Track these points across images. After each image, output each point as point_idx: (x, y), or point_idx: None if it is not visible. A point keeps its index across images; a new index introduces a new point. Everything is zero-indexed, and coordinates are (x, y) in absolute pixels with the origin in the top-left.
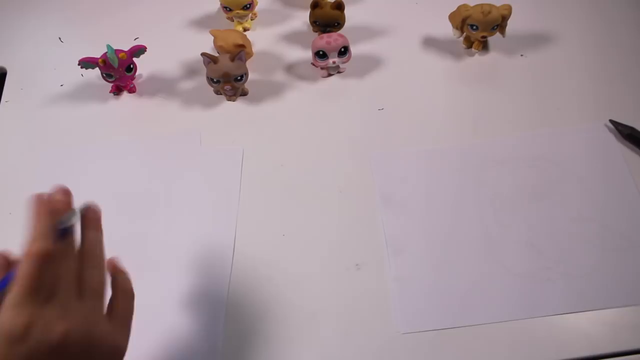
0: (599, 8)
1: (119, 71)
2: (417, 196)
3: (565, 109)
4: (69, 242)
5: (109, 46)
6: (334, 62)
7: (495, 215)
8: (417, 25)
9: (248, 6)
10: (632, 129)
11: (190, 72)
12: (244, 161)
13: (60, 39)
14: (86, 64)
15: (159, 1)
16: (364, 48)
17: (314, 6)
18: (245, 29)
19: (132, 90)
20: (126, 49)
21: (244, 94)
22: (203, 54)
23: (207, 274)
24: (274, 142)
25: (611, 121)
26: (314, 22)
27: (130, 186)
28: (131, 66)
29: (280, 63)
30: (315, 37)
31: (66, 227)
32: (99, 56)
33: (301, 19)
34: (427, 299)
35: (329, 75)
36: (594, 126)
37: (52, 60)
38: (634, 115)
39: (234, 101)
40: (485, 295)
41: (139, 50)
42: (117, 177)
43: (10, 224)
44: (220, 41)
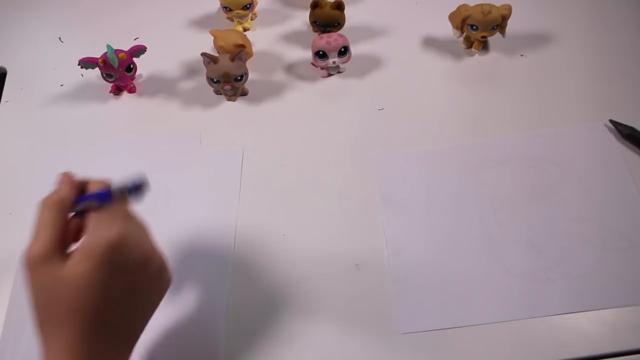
0: (599, 8)
1: (119, 71)
2: (417, 196)
3: (565, 109)
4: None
5: (109, 46)
6: (334, 62)
7: (495, 215)
8: (417, 25)
9: (248, 6)
10: (632, 129)
11: (190, 72)
12: (244, 161)
13: (60, 39)
14: (86, 64)
15: (159, 1)
16: (364, 48)
17: (314, 6)
18: (245, 29)
19: (132, 90)
20: (126, 49)
21: (244, 94)
22: (203, 54)
23: (207, 273)
24: (274, 142)
25: (611, 121)
26: (314, 22)
27: None
28: (131, 66)
29: (280, 63)
30: (315, 37)
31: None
32: (99, 56)
33: (301, 19)
34: (427, 299)
35: (329, 75)
36: (594, 126)
37: (52, 60)
38: (634, 115)
39: (234, 101)
40: (485, 295)
41: (139, 50)
42: (116, 177)
43: (10, 224)
44: (220, 41)
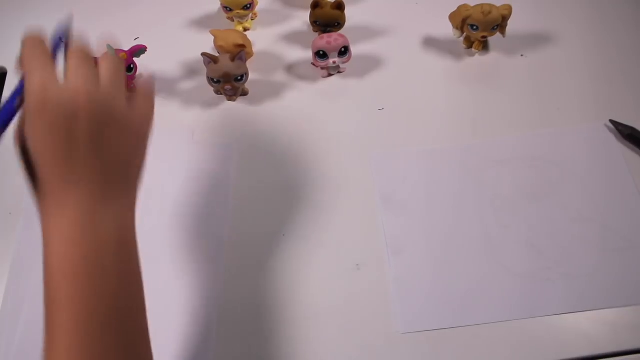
0: (599, 8)
1: None
2: (417, 196)
3: (565, 109)
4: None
5: (109, 46)
6: (334, 62)
7: (495, 215)
8: (417, 25)
9: (248, 6)
10: (632, 129)
11: (190, 72)
12: (244, 161)
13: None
14: None
15: (159, 1)
16: (364, 48)
17: (314, 6)
18: (246, 29)
19: (132, 90)
20: (126, 49)
21: (244, 94)
22: (203, 54)
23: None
24: (274, 142)
25: (611, 121)
26: (314, 22)
27: None
28: (131, 66)
29: (280, 63)
30: (316, 37)
31: None
32: (99, 56)
33: (301, 19)
34: (427, 299)
35: (329, 75)
36: (594, 126)
37: None
38: (634, 115)
39: (234, 101)
40: (485, 295)
41: (139, 50)
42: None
43: (10, 223)
44: (221, 41)
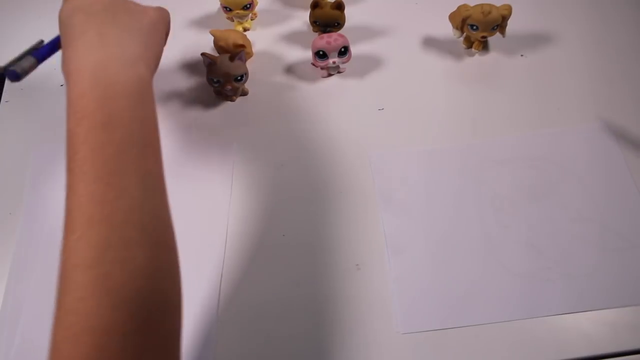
0: (599, 8)
1: None
2: (417, 196)
3: (565, 109)
4: None
5: None
6: (334, 62)
7: (495, 215)
8: (417, 25)
9: (248, 6)
10: None
11: (190, 72)
12: (244, 161)
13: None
14: None
15: (159, 1)
16: (364, 48)
17: (314, 6)
18: (245, 29)
19: None
20: None
21: (244, 94)
22: (203, 54)
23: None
24: (274, 142)
25: None
26: (314, 22)
27: None
28: None
29: (280, 63)
30: (315, 37)
31: None
32: None
33: (301, 19)
34: (427, 299)
35: (329, 75)
36: (594, 126)
37: (52, 60)
38: (634, 115)
39: (234, 101)
40: (485, 295)
41: None
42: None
43: (10, 223)
44: (221, 41)
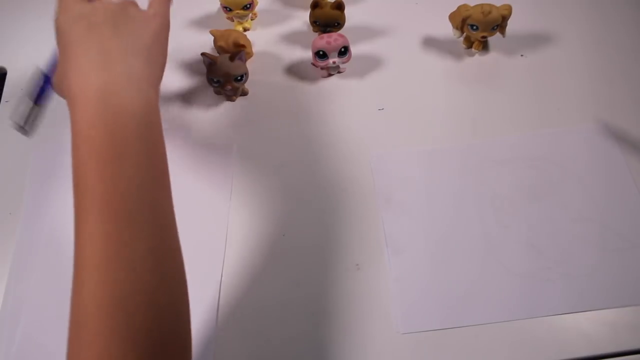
0: (599, 8)
1: None
2: (417, 196)
3: (565, 109)
4: None
5: None
6: (334, 62)
7: (495, 215)
8: (417, 25)
9: (248, 6)
10: None
11: (190, 72)
12: (244, 161)
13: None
14: None
15: None
16: (364, 48)
17: (314, 6)
18: (245, 29)
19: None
20: None
21: (244, 94)
22: (203, 54)
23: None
24: (274, 142)
25: None
26: (314, 22)
27: None
28: None
29: (280, 63)
30: (315, 37)
31: None
32: None
33: (301, 19)
34: (427, 299)
35: (329, 75)
36: (594, 126)
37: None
38: (634, 116)
39: (233, 101)
40: (485, 295)
41: None
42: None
43: (10, 223)
44: (221, 41)
